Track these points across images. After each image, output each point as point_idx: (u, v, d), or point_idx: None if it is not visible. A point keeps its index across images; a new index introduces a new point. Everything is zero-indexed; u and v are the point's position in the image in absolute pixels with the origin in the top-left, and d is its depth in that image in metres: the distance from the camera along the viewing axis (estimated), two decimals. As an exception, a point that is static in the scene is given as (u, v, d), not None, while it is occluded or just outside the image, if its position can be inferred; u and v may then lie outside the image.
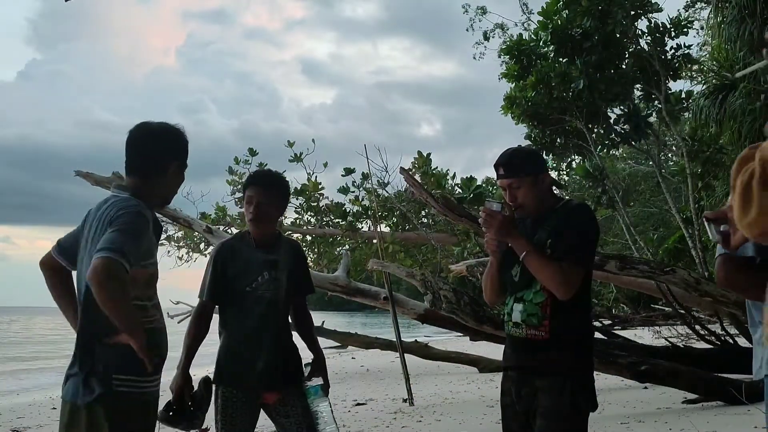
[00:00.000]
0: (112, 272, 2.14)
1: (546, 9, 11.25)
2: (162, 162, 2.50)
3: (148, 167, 2.49)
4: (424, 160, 13.69)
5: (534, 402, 2.59)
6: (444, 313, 7.08)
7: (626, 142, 12.19)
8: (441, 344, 15.58)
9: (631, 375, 6.71)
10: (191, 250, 15.21)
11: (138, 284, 2.34)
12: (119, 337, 2.25)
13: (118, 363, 2.31)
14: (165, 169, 2.51)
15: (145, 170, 2.49)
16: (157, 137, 2.53)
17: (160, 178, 2.50)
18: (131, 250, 2.22)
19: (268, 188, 3.21)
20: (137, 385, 2.36)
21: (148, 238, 2.37)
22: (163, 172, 2.50)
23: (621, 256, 7.81)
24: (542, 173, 2.70)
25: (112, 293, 2.16)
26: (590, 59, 10.81)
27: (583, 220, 2.64)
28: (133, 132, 2.52)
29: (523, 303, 2.64)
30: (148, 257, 2.40)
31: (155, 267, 2.47)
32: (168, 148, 2.53)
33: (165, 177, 2.52)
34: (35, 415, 9.98)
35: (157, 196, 2.54)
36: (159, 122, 2.57)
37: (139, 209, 2.35)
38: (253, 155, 14.65)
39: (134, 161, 2.50)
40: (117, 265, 2.15)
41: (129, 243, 2.23)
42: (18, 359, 25.23)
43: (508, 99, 11.73)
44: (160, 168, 2.50)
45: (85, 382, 2.30)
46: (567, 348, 2.59)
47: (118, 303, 2.19)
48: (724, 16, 9.78)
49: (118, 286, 2.16)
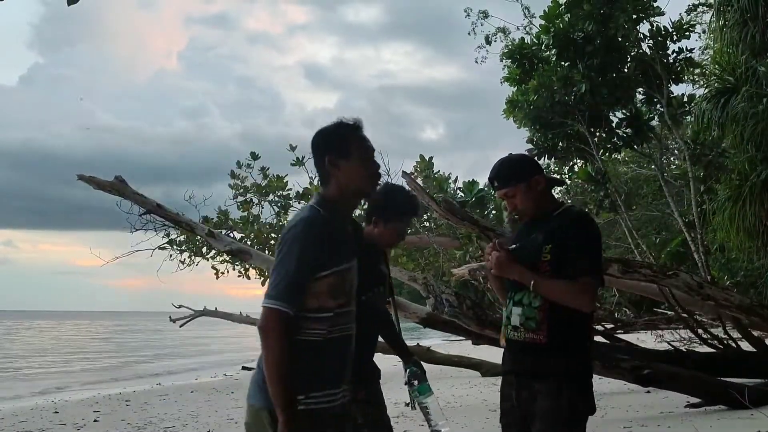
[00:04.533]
0: (270, 323, 2.18)
1: (548, 13, 11.25)
2: (321, 163, 2.40)
3: (319, 173, 2.44)
4: (427, 164, 13.70)
5: (533, 405, 2.60)
6: (446, 317, 7.06)
7: (628, 146, 12.19)
8: (443, 348, 15.56)
9: (633, 379, 6.69)
10: (193, 254, 15.18)
11: (320, 296, 2.27)
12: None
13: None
14: (328, 170, 2.38)
15: (320, 176, 2.45)
16: (312, 144, 2.45)
17: (329, 179, 2.39)
18: (295, 289, 2.20)
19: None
20: (303, 401, 2.27)
21: (321, 248, 2.26)
22: (327, 173, 2.39)
23: (623, 259, 7.80)
24: (533, 177, 2.73)
25: (269, 353, 2.18)
26: (592, 63, 10.81)
27: (588, 233, 2.66)
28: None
29: (521, 306, 2.66)
30: (323, 268, 2.27)
31: (338, 274, 2.31)
32: (321, 149, 2.41)
33: (334, 176, 2.38)
34: (37, 419, 9.98)
35: (341, 197, 2.39)
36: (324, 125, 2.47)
37: (303, 221, 2.28)
38: (255, 159, 14.65)
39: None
40: (277, 315, 2.17)
41: (292, 284, 2.20)
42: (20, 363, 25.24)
43: (510, 103, 11.74)
44: (324, 169, 2.40)
45: (259, 385, 2.28)
46: (565, 351, 2.59)
47: (272, 364, 2.18)
48: (725, 20, 9.76)
49: (274, 337, 2.17)
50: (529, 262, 2.65)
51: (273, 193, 14.65)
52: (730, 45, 9.86)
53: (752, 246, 9.50)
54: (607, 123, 11.64)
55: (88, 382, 18.61)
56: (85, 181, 9.08)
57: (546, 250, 2.62)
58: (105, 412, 10.54)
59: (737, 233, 9.19)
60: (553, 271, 2.61)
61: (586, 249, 2.62)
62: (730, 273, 13.51)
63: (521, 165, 2.82)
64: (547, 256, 2.62)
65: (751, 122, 8.97)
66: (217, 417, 9.54)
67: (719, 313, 7.76)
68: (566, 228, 2.64)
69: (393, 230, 3.32)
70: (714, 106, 10.18)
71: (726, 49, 10.19)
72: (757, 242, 9.28)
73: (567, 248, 2.57)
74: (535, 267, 2.64)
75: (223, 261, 15.01)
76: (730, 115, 9.67)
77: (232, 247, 9.81)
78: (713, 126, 10.32)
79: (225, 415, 9.61)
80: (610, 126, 11.69)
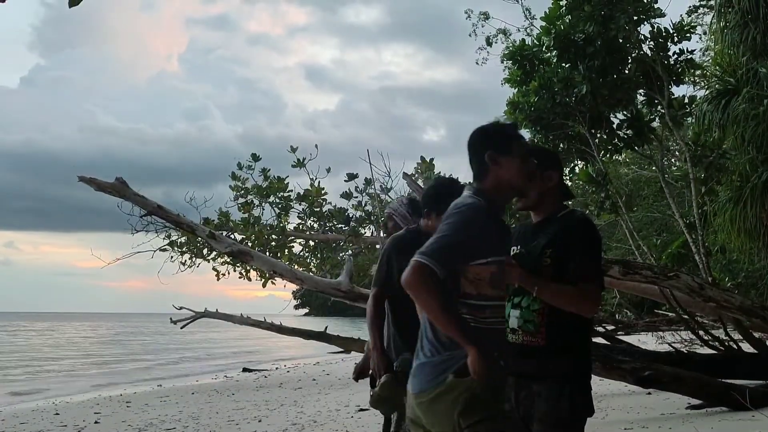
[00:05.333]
0: (420, 277, 2.22)
1: (549, 14, 11.24)
2: (480, 158, 2.51)
3: (475, 167, 2.54)
4: (428, 165, 13.71)
5: (532, 407, 2.60)
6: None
7: (629, 148, 12.17)
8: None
9: (634, 380, 6.68)
10: (194, 256, 15.20)
11: (480, 283, 2.35)
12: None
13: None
14: (487, 165, 2.49)
15: (476, 171, 2.54)
16: (472, 140, 2.57)
17: (487, 174, 2.50)
18: (447, 253, 2.26)
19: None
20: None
21: (483, 236, 2.35)
22: (485, 168, 2.50)
23: (624, 261, 7.79)
24: (548, 171, 2.77)
25: (425, 298, 2.26)
26: (593, 64, 10.80)
27: (589, 238, 2.66)
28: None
29: (519, 309, 2.66)
30: (483, 255, 2.36)
31: (497, 264, 2.41)
32: (482, 145, 2.53)
33: (493, 171, 2.49)
34: (38, 420, 9.99)
35: (497, 191, 2.49)
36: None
37: (470, 206, 2.38)
38: (256, 160, 14.67)
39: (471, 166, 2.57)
40: (425, 270, 2.22)
41: (446, 247, 2.27)
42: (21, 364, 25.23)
43: (511, 104, 11.73)
44: (483, 164, 2.51)
45: (434, 366, 2.37)
46: (564, 354, 2.60)
47: (432, 306, 2.27)
48: (726, 21, 9.76)
49: (425, 290, 2.24)
50: (531, 266, 2.65)
51: (274, 195, 14.66)
52: (731, 46, 9.85)
53: (753, 247, 9.50)
54: (607, 124, 11.63)
55: (88, 383, 18.61)
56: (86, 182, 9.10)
57: (547, 254, 2.63)
58: (106, 413, 10.54)
59: (738, 235, 9.19)
60: (554, 275, 2.61)
61: (587, 254, 2.63)
62: (731, 274, 13.51)
63: (543, 154, 2.87)
64: (548, 260, 2.63)
65: (752, 123, 8.96)
66: (217, 419, 9.54)
67: (720, 315, 7.76)
68: (567, 232, 2.64)
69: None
70: (715, 108, 10.18)
71: (727, 50, 10.19)
72: (758, 243, 9.28)
73: (568, 252, 2.57)
74: (537, 271, 2.64)
75: (224, 262, 15.03)
76: (731, 117, 9.66)
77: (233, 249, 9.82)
78: (714, 127, 10.32)
79: (226, 417, 9.61)
80: (610, 127, 11.67)
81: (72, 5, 2.24)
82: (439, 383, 2.31)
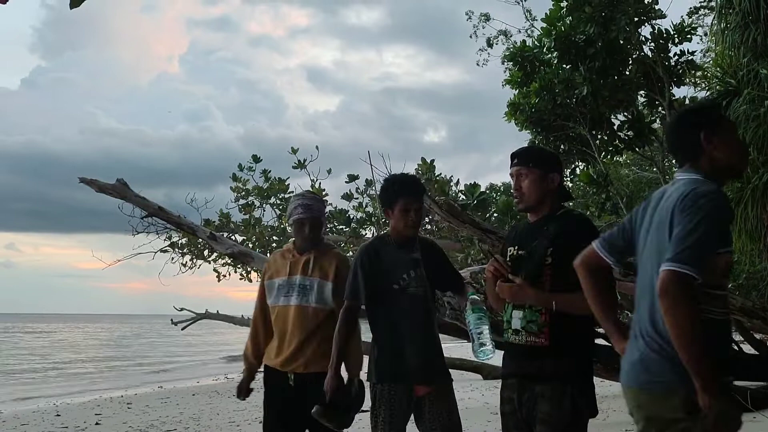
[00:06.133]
0: (681, 288, 2.02)
1: (549, 16, 11.25)
2: (695, 139, 2.34)
3: (685, 149, 2.38)
4: (428, 166, 13.71)
5: (535, 408, 2.59)
6: (447, 320, 7.06)
7: (630, 149, 12.17)
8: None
9: (635, 382, 6.66)
10: (195, 257, 15.20)
11: (718, 272, 2.21)
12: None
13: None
14: (702, 145, 2.33)
15: (686, 152, 2.38)
16: (681, 120, 2.44)
17: (701, 155, 2.33)
18: (705, 255, 2.09)
19: (420, 196, 3.35)
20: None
21: (726, 224, 2.25)
22: (699, 149, 2.33)
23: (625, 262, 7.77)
24: (552, 173, 2.77)
25: (679, 317, 2.02)
26: (594, 66, 10.80)
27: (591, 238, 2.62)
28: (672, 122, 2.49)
29: (522, 310, 2.65)
30: (725, 245, 2.23)
31: (731, 254, 2.29)
32: (694, 125, 2.36)
33: (708, 152, 2.33)
34: (39, 422, 9.98)
35: (713, 172, 2.32)
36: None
37: (715, 193, 2.19)
38: (257, 162, 14.68)
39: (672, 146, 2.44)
40: (685, 279, 2.02)
41: (703, 247, 2.08)
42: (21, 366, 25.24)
43: (512, 105, 11.72)
44: (696, 145, 2.33)
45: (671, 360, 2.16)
46: (567, 354, 2.59)
47: (683, 329, 2.02)
48: (727, 22, 9.75)
49: (684, 304, 2.02)
50: (533, 268, 2.66)
51: (275, 196, 14.68)
52: (731, 47, 9.84)
53: (754, 249, 9.48)
54: (608, 125, 11.62)
55: (89, 384, 18.61)
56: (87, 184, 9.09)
57: (548, 254, 2.63)
58: (107, 415, 10.54)
59: (739, 236, 9.16)
60: (555, 275, 2.61)
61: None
62: (732, 276, 13.50)
63: (547, 156, 2.89)
64: (549, 259, 2.63)
65: (752, 125, 8.95)
66: (218, 420, 9.54)
67: (721, 316, 7.74)
68: (568, 232, 2.64)
69: (400, 211, 3.30)
70: (715, 109, 10.15)
71: (727, 51, 10.17)
72: (758, 245, 9.26)
73: (569, 253, 2.56)
74: (539, 272, 2.64)
75: (224, 264, 15.04)
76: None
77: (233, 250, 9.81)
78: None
79: (227, 418, 9.60)
80: (611, 129, 11.67)
81: (73, 6, 2.24)
82: (663, 383, 2.17)
